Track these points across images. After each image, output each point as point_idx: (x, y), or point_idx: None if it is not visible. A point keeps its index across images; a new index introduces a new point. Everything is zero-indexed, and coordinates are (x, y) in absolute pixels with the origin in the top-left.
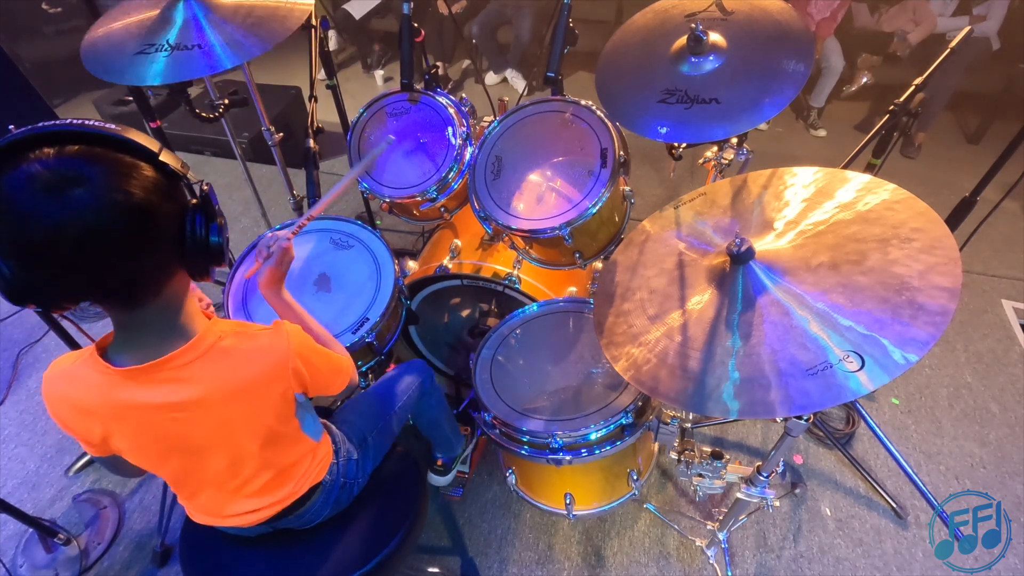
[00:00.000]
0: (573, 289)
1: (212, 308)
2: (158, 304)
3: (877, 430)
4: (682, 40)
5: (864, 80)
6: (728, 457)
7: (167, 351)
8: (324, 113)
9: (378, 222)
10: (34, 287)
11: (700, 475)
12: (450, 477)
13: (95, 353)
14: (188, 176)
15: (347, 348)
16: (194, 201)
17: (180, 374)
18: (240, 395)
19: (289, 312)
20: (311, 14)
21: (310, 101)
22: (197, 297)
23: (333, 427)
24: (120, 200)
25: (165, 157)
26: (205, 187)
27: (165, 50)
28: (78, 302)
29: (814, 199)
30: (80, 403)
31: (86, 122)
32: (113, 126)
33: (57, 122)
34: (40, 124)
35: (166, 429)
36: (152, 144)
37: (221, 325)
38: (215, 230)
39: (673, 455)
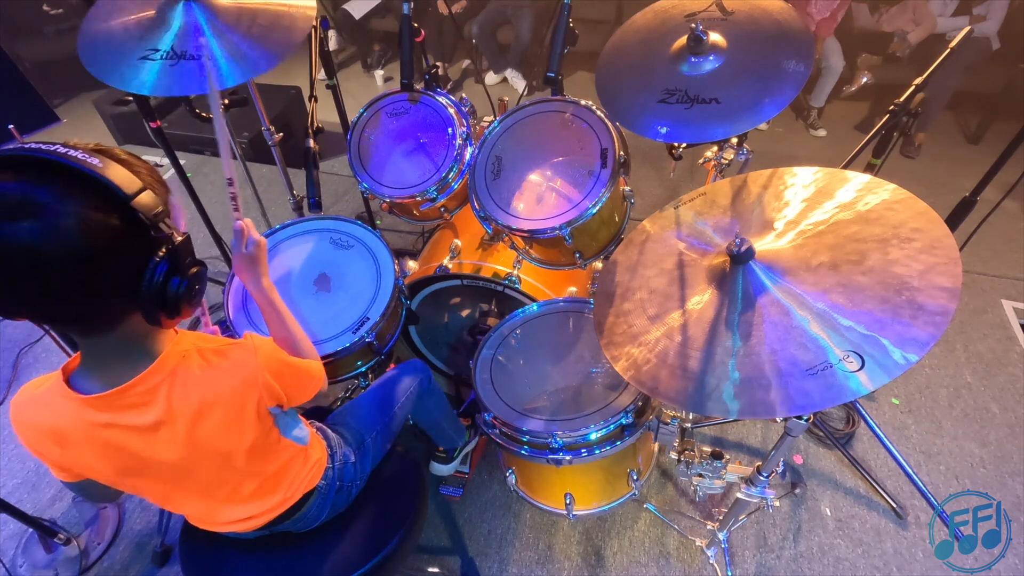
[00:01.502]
0: (573, 289)
1: None
2: (116, 337)
3: (877, 430)
4: (682, 40)
5: (864, 80)
6: (728, 457)
7: (131, 376)
8: (324, 113)
9: (378, 222)
10: None
11: (700, 475)
12: (453, 466)
13: (61, 379)
14: (161, 226)
15: (347, 347)
16: (161, 253)
17: (145, 399)
18: (210, 414)
19: (267, 306)
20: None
21: (310, 101)
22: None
23: (328, 431)
24: (67, 243)
25: (141, 201)
26: (179, 238)
27: (169, 58)
28: (35, 321)
29: (814, 199)
30: (50, 428)
31: (69, 152)
32: (96, 161)
33: (44, 146)
34: (28, 145)
35: (138, 451)
36: (130, 184)
37: (185, 343)
38: (175, 285)
39: (673, 455)
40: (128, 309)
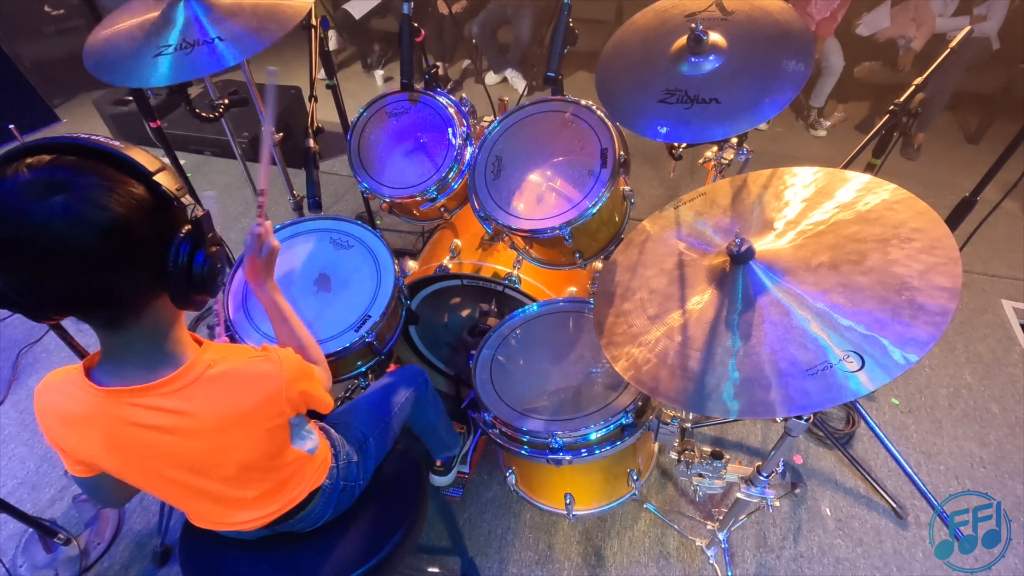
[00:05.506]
0: (573, 289)
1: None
2: (141, 327)
3: (877, 430)
4: (682, 40)
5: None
6: (728, 457)
7: (154, 378)
8: (324, 113)
9: (378, 222)
10: (10, 291)
11: (700, 475)
12: (451, 476)
13: (82, 372)
14: (184, 200)
15: (348, 347)
16: (186, 228)
17: (167, 402)
18: (231, 423)
19: (274, 309)
20: (311, 12)
21: (310, 101)
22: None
23: (332, 431)
24: (97, 214)
25: (162, 178)
26: (199, 213)
27: (169, 52)
28: (62, 315)
29: (814, 199)
30: (70, 415)
31: (91, 137)
32: (117, 144)
33: (66, 135)
34: (53, 136)
35: (154, 449)
36: (150, 164)
37: (211, 352)
38: (200, 261)
39: (673, 455)
40: (155, 291)
